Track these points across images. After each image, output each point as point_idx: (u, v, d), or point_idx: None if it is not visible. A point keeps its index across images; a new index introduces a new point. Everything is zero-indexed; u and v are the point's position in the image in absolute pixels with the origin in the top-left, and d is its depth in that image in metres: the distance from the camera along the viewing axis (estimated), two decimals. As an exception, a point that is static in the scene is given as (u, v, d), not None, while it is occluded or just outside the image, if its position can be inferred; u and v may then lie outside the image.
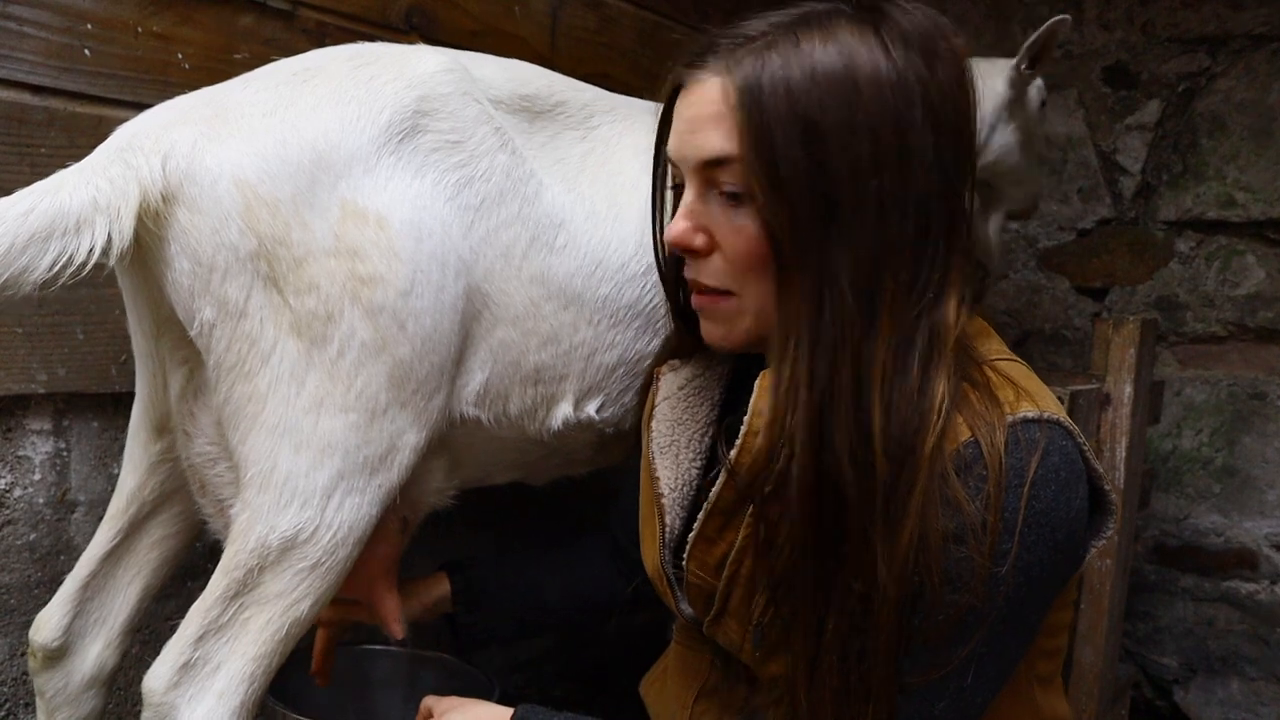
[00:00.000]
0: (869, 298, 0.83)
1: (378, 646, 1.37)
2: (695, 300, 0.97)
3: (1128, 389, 1.71)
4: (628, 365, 1.19)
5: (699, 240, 0.92)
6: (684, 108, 0.93)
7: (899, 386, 0.82)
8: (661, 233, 1.05)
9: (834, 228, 0.83)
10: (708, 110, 0.89)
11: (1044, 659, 0.99)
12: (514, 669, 1.86)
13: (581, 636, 1.97)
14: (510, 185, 1.08)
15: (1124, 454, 1.71)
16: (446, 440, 1.11)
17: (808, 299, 0.83)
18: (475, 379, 1.09)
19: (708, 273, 0.94)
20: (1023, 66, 1.74)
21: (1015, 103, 1.79)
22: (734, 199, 0.89)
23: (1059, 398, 1.55)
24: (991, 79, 1.77)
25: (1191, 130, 2.37)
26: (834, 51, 0.83)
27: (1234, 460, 2.33)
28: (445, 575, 1.30)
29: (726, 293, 0.93)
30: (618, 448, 1.28)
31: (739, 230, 0.90)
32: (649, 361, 1.17)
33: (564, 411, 1.16)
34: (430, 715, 1.06)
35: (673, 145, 0.95)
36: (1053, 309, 2.56)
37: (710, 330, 0.98)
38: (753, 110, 0.84)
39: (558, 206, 1.13)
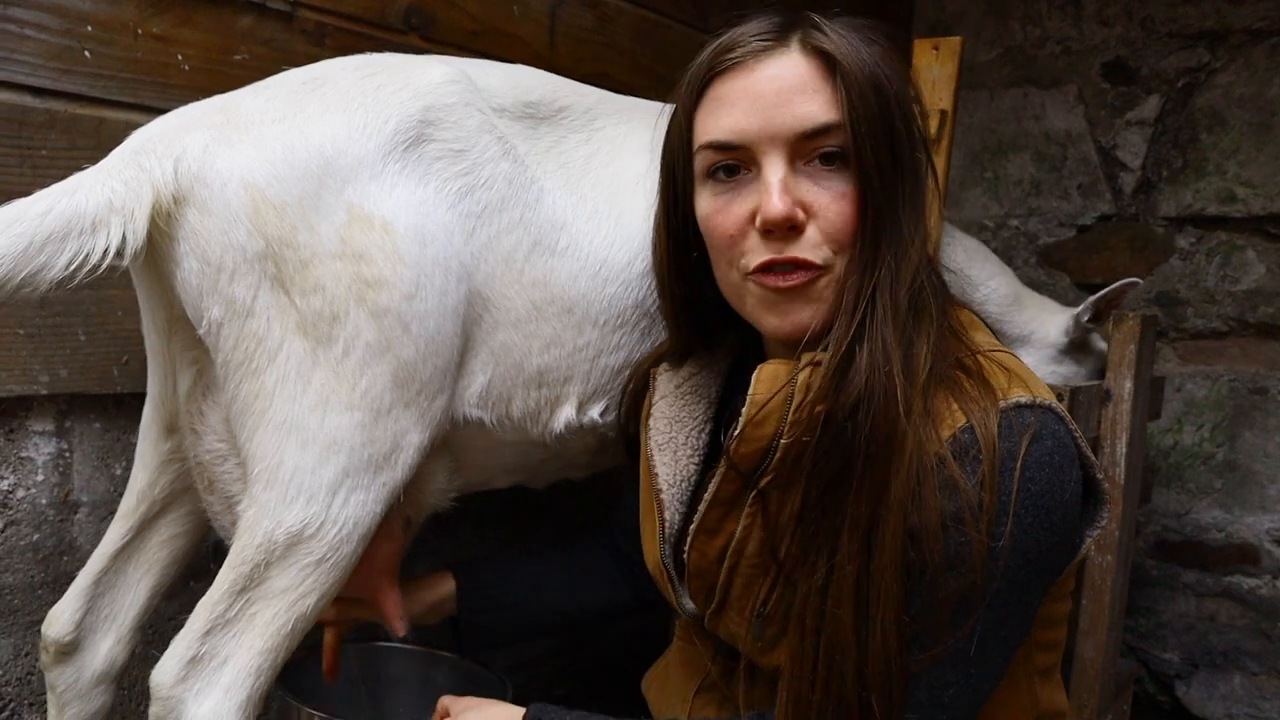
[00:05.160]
0: (918, 249, 0.92)
1: (391, 644, 1.37)
2: (781, 283, 0.92)
3: (1128, 385, 1.71)
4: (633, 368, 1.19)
5: (800, 215, 0.90)
6: (755, 84, 0.91)
7: (915, 324, 0.90)
8: (668, 228, 1.03)
9: (901, 190, 0.91)
10: (793, 82, 0.90)
11: (1042, 651, 1.00)
12: (517, 667, 1.86)
13: (583, 637, 1.97)
14: (512, 193, 1.10)
15: (1125, 450, 1.71)
16: (449, 442, 1.12)
17: (890, 250, 0.90)
18: (477, 381, 1.10)
19: (806, 248, 0.91)
20: (1085, 319, 1.78)
21: (1068, 352, 1.82)
22: (832, 163, 0.90)
23: (1059, 394, 1.56)
24: (1044, 323, 1.81)
25: (1191, 126, 2.37)
26: (874, 40, 0.94)
27: (1235, 455, 2.34)
28: (450, 574, 1.30)
29: (821, 268, 0.91)
30: (616, 451, 1.28)
31: (841, 195, 0.90)
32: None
33: (567, 414, 1.16)
34: (447, 715, 1.07)
35: (746, 123, 0.91)
36: (1053, 305, 2.56)
37: (795, 314, 0.93)
38: (853, 79, 0.89)
39: (560, 210, 1.14)
